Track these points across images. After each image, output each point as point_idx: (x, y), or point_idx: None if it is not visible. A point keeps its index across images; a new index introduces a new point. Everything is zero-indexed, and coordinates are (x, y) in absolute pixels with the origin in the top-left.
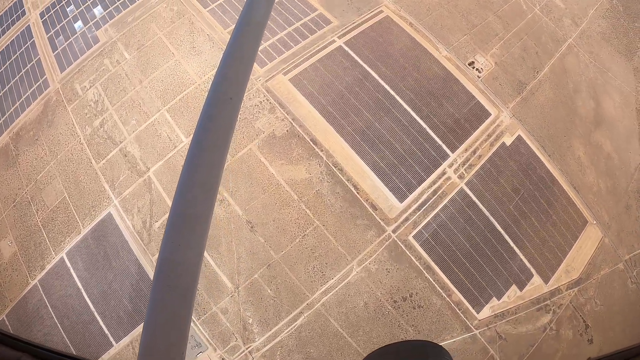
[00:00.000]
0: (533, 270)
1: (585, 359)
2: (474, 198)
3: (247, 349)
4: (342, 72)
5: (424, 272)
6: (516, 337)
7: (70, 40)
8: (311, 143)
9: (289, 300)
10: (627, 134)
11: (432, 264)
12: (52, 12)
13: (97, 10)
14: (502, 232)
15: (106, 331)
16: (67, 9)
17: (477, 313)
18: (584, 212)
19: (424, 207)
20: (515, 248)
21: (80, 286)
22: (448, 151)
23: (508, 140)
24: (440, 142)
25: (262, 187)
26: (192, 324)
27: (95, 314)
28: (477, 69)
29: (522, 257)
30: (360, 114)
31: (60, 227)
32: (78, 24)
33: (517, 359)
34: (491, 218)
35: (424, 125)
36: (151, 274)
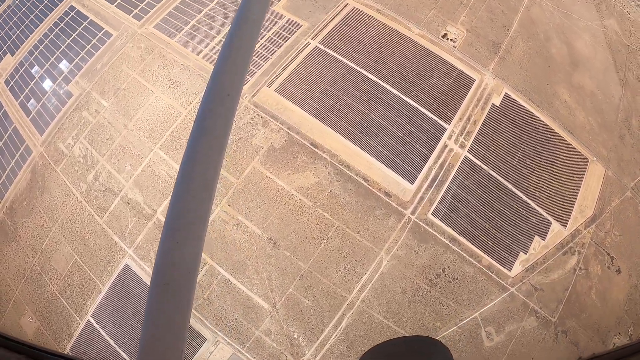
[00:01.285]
0: (550, 218)
1: (617, 289)
2: (479, 163)
3: None
4: (325, 71)
5: (451, 245)
6: (550, 284)
7: (42, 101)
8: (312, 147)
9: (329, 305)
10: (604, 68)
11: (456, 235)
12: (17, 77)
13: (63, 65)
14: (513, 188)
15: None
16: (32, 71)
17: (509, 271)
18: (583, 151)
19: (435, 183)
20: (529, 201)
21: (114, 345)
22: (444, 124)
23: (497, 100)
24: (434, 117)
25: (275, 202)
26: (239, 354)
27: None
28: (451, 40)
29: (537, 208)
30: (352, 108)
31: (79, 291)
32: (47, 83)
33: (556, 305)
34: (500, 178)
35: (415, 105)
36: None
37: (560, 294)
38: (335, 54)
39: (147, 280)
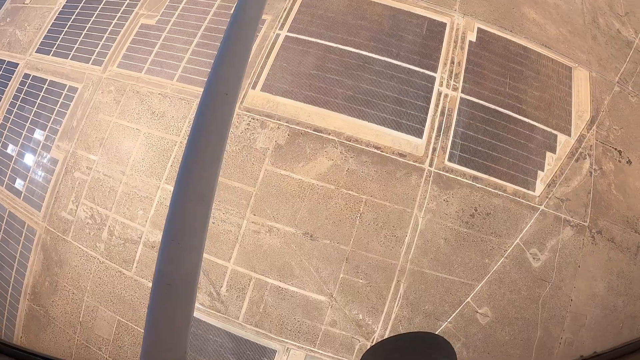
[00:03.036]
0: (554, 131)
1: (632, 179)
2: (476, 99)
3: (372, 342)
4: (303, 57)
5: (474, 183)
6: (574, 193)
7: (28, 177)
8: (316, 133)
9: (382, 278)
10: None
11: (476, 173)
12: None
13: (38, 134)
14: (513, 114)
15: None
16: (7, 151)
17: (534, 192)
18: (564, 61)
19: (442, 131)
20: (530, 121)
21: None
22: (431, 73)
23: (472, 37)
24: (421, 70)
25: (299, 196)
26: (312, 353)
27: None
28: None
29: (539, 125)
30: (341, 84)
31: (132, 349)
32: (27, 158)
33: (584, 209)
34: (498, 108)
35: (399, 63)
36: (244, 335)
37: (585, 199)
38: (308, 38)
39: (199, 315)
